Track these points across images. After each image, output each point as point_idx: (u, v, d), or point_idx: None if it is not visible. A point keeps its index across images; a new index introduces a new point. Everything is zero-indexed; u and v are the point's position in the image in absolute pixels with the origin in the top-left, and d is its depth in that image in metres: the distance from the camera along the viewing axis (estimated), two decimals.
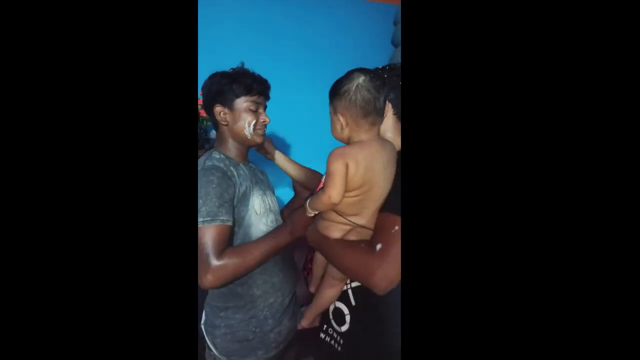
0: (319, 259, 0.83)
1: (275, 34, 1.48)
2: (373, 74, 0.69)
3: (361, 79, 0.68)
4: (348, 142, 0.72)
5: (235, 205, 0.84)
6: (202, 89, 0.91)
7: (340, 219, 0.71)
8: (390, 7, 1.69)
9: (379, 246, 0.64)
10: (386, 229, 0.66)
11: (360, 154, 0.67)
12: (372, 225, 0.71)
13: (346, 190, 0.66)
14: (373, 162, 0.67)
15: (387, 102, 0.73)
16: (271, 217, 0.93)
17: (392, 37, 1.65)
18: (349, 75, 0.69)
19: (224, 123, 0.89)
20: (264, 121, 0.91)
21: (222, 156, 0.89)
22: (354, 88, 0.67)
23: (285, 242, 0.85)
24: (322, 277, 0.83)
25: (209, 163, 0.84)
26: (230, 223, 0.80)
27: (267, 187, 1.01)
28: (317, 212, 0.75)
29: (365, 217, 0.71)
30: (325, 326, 0.83)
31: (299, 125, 1.51)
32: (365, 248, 0.66)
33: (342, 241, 0.71)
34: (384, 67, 0.82)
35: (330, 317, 0.81)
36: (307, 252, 1.40)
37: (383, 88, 0.69)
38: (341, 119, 0.69)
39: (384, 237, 0.65)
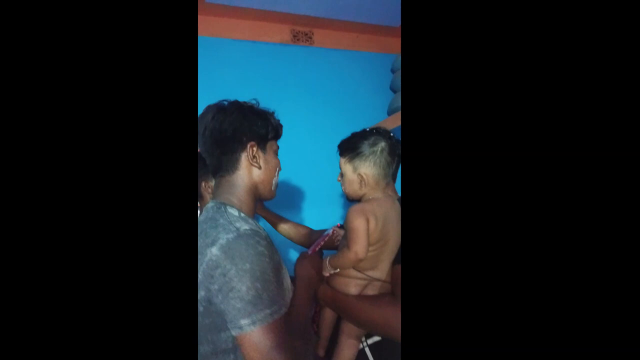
0: (327, 319, 0.80)
1: (276, 83, 1.54)
2: (392, 141, 0.75)
3: (383, 144, 0.74)
4: (361, 199, 0.77)
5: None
6: (216, 120, 0.66)
7: (358, 274, 0.72)
8: (387, 56, 1.78)
9: None
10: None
11: (378, 210, 0.72)
12: (388, 278, 0.73)
13: None
14: (387, 217, 0.71)
15: None
16: None
17: (390, 84, 1.71)
18: (367, 137, 0.75)
19: (255, 166, 0.68)
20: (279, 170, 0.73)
21: (242, 214, 0.63)
22: (379, 152, 0.73)
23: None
24: (329, 337, 0.80)
25: (242, 227, 0.57)
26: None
27: None
28: (335, 271, 0.74)
29: (381, 270, 0.73)
30: None
31: (300, 174, 1.51)
32: (390, 300, 0.67)
33: (364, 297, 0.71)
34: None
35: None
36: (315, 304, 1.34)
37: (399, 148, 0.75)
38: (363, 177, 0.74)
39: None
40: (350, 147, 0.76)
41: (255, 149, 0.67)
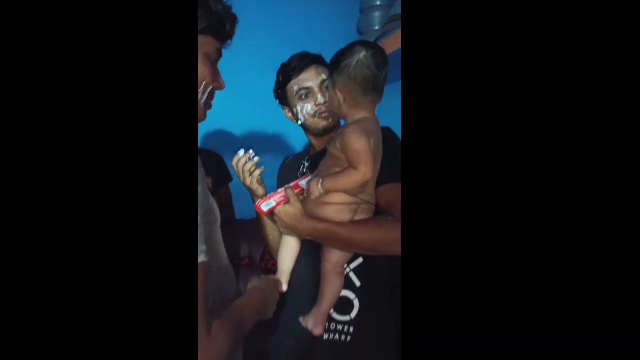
0: (290, 249, 0.76)
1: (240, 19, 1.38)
2: (375, 49, 0.65)
3: (362, 53, 0.64)
4: (345, 118, 0.70)
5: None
6: None
7: (351, 198, 0.68)
8: None
9: None
10: (398, 197, 0.64)
11: (374, 129, 0.66)
12: (374, 200, 0.70)
13: None
14: (378, 136, 0.67)
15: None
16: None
17: (357, 25, 1.63)
18: (350, 48, 0.66)
19: None
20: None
21: None
22: (354, 63, 0.64)
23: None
24: (291, 270, 0.76)
25: None
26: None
27: None
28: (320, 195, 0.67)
29: (369, 193, 0.70)
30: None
31: (258, 115, 1.45)
32: (392, 220, 0.65)
33: (363, 222, 0.68)
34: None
35: (331, 311, 0.75)
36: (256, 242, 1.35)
37: (385, 64, 0.66)
38: (339, 94, 0.67)
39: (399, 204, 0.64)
40: (331, 62, 0.68)
41: None
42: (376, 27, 1.52)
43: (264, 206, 0.72)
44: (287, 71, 0.85)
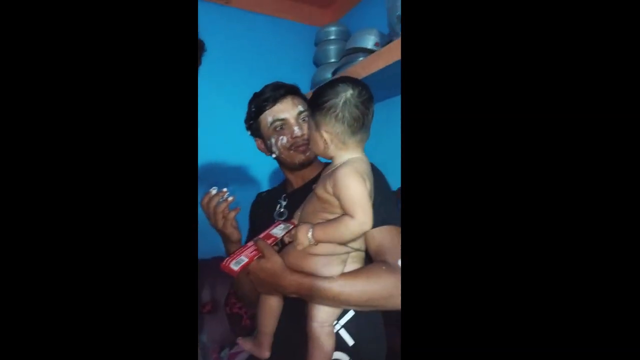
0: (271, 309, 0.66)
1: None
2: (361, 86, 0.60)
3: (349, 92, 0.59)
4: (333, 160, 0.64)
5: None
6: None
7: (341, 248, 0.60)
8: (311, 28, 1.71)
9: (399, 262, 0.57)
10: (395, 241, 0.60)
11: (367, 170, 0.60)
12: (364, 247, 0.63)
13: None
14: (371, 179, 0.61)
15: None
16: None
17: (313, 57, 1.66)
18: (333, 87, 0.60)
19: None
20: None
21: None
22: (341, 104, 0.59)
23: None
24: (274, 332, 0.67)
25: None
26: None
27: None
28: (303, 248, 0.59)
29: (360, 239, 0.62)
30: None
31: (212, 147, 1.39)
32: (386, 269, 0.58)
33: (355, 273, 0.59)
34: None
35: None
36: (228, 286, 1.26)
37: (371, 101, 0.61)
38: (325, 136, 0.61)
39: (397, 250, 0.59)
40: (312, 99, 0.62)
41: None
42: (332, 60, 1.55)
43: (234, 265, 0.61)
44: (261, 101, 0.80)
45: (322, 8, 1.75)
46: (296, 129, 0.77)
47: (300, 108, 0.78)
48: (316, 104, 0.61)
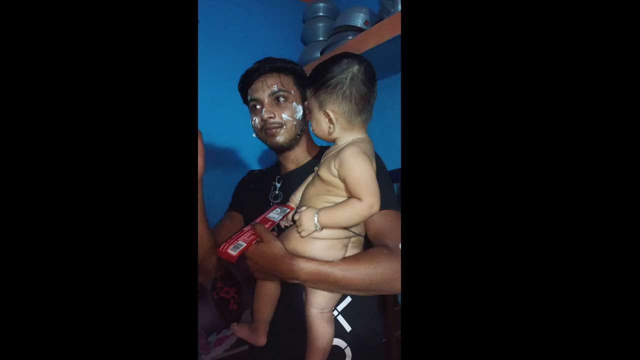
0: (264, 298, 0.65)
1: None
2: (366, 63, 0.57)
3: (355, 68, 0.56)
4: (336, 142, 0.61)
5: None
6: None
7: (344, 232, 0.58)
8: (299, 4, 1.64)
9: (400, 245, 0.56)
10: (395, 225, 0.59)
11: (372, 152, 0.58)
12: (364, 232, 0.62)
13: None
14: (374, 161, 0.58)
15: None
16: None
17: (301, 35, 1.60)
18: (337, 63, 0.56)
19: None
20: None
21: None
22: (348, 80, 0.55)
23: None
24: (270, 319, 0.65)
25: None
26: None
27: None
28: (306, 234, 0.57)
29: (361, 224, 0.60)
30: None
31: (209, 124, 1.35)
32: (388, 253, 0.57)
33: (357, 257, 0.58)
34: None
35: None
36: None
37: (375, 79, 0.58)
38: (331, 115, 0.57)
39: (397, 234, 0.58)
40: (314, 77, 0.58)
41: None
42: (321, 38, 1.50)
43: (232, 250, 0.59)
44: (244, 77, 0.78)
45: None
46: (264, 110, 0.74)
47: (275, 88, 0.74)
48: (320, 82, 0.57)
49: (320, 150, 0.80)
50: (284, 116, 0.73)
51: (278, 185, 0.79)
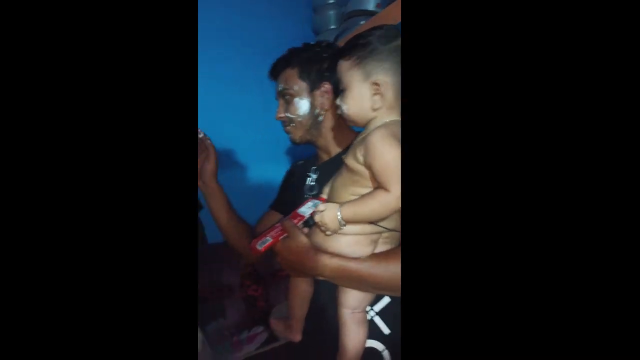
0: (302, 292, 0.63)
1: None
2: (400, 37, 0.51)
3: (398, 40, 0.49)
4: (369, 124, 0.54)
5: None
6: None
7: (371, 227, 0.52)
8: None
9: None
10: None
11: (399, 133, 0.49)
12: (398, 226, 0.54)
13: None
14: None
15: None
16: None
17: (312, 25, 1.56)
18: (374, 33, 0.51)
19: None
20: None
21: None
22: (393, 48, 0.49)
23: None
24: (305, 316, 0.64)
25: None
26: None
27: None
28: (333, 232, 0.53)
29: (395, 218, 0.53)
30: None
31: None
32: None
33: (386, 254, 0.53)
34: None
35: None
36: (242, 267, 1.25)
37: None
38: (380, 86, 0.50)
39: None
40: (356, 44, 0.51)
41: None
42: (332, 26, 1.46)
43: (259, 245, 0.60)
44: (281, 62, 0.76)
45: None
46: (280, 107, 0.75)
47: (280, 87, 0.74)
48: (368, 48, 0.50)
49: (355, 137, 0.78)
50: (289, 115, 0.73)
51: (314, 176, 0.75)
